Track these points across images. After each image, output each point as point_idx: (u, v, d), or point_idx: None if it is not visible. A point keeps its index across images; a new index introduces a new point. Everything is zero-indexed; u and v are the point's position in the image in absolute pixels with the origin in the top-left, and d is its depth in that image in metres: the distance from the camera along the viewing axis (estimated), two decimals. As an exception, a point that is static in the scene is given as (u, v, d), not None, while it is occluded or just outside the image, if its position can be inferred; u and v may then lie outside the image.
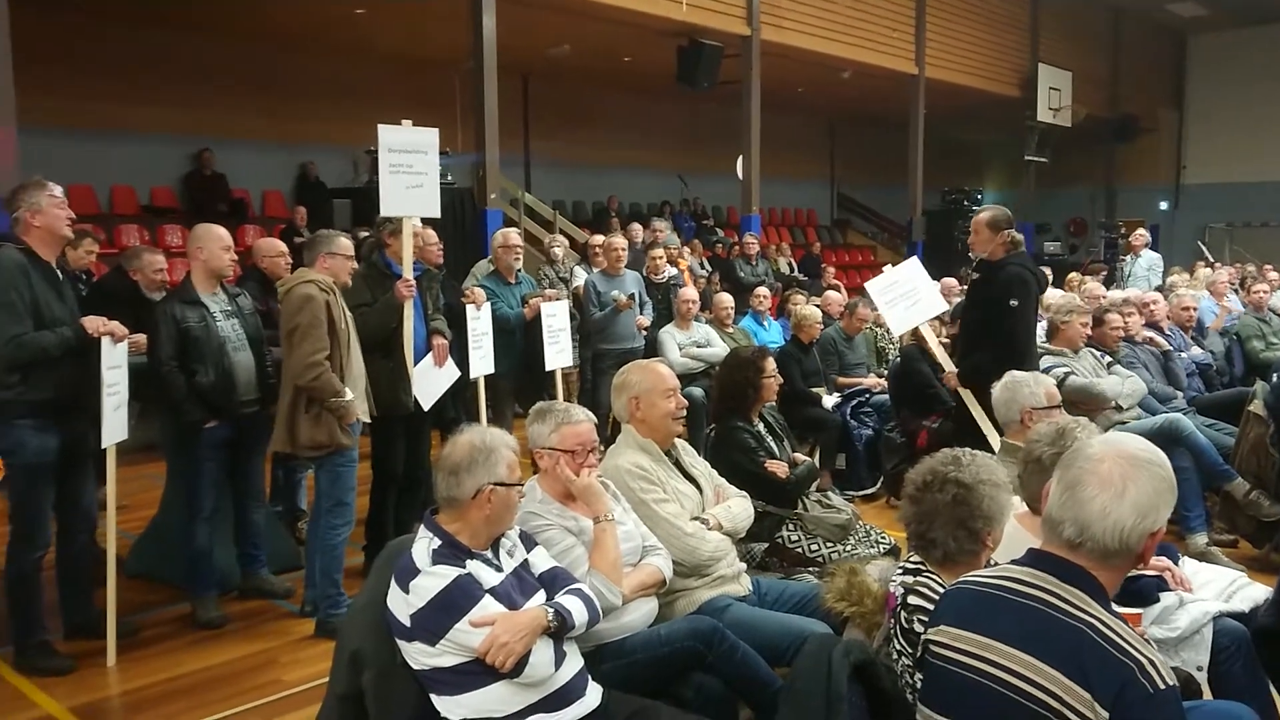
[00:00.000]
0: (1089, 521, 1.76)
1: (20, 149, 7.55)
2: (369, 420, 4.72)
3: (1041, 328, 7.08)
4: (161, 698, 3.88)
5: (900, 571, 2.28)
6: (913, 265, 5.73)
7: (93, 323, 4.01)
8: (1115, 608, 1.81)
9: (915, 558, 2.28)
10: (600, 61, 14.33)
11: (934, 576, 2.20)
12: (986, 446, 3.98)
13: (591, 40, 12.94)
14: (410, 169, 5.01)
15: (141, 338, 4.63)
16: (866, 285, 5.91)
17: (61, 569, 4.37)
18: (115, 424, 4.12)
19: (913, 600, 2.16)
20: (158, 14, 11.17)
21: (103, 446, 4.10)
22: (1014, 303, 4.99)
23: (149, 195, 12.29)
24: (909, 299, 5.56)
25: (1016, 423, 3.56)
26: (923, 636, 1.94)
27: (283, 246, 5.78)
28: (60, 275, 4.12)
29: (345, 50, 13.06)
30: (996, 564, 2.14)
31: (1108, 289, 9.38)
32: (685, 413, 3.40)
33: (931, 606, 2.10)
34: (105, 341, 4.02)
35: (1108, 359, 5.95)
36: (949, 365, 5.37)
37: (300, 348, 4.29)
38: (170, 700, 3.86)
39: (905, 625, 2.14)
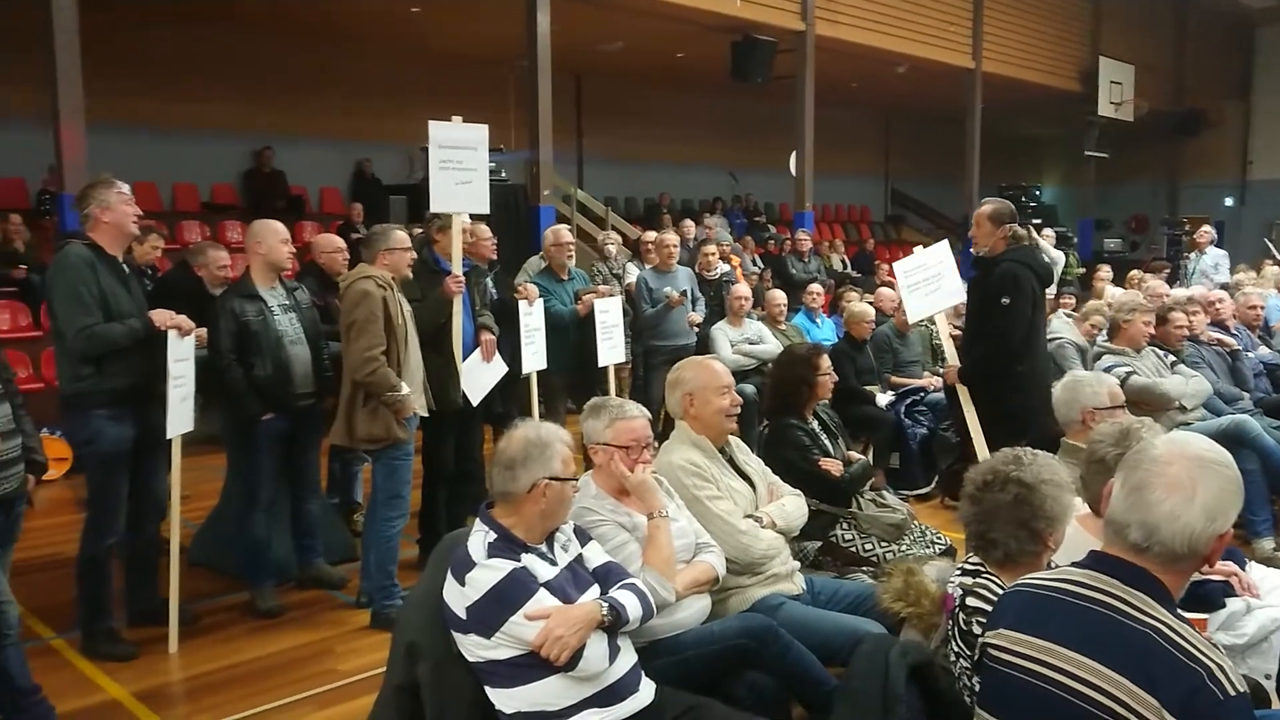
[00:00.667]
0: (1157, 525, 1.72)
1: (87, 148, 7.76)
2: (426, 415, 4.77)
3: (1075, 326, 6.95)
4: (221, 684, 3.96)
5: (958, 572, 2.25)
6: (942, 249, 5.45)
7: (160, 316, 4.11)
8: (1180, 613, 1.77)
9: (974, 558, 2.25)
10: (653, 58, 14.32)
11: (993, 578, 2.17)
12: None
13: (645, 37, 12.95)
14: (460, 165, 5.05)
15: (204, 331, 4.73)
16: (894, 265, 5.67)
17: (130, 556, 4.49)
18: (181, 415, 4.21)
19: (971, 602, 2.13)
20: (219, 13, 11.38)
21: (168, 437, 4.18)
22: (1005, 300, 4.83)
23: (210, 192, 12.55)
24: (931, 284, 5.32)
25: (1077, 423, 3.49)
26: (980, 639, 1.91)
27: (340, 242, 5.86)
28: (127, 270, 4.23)
29: (401, 48, 13.21)
30: (1056, 566, 2.11)
31: (1171, 287, 9.16)
32: (739, 410, 3.39)
33: (990, 608, 2.07)
34: (171, 334, 4.11)
35: (1171, 358, 5.82)
36: (953, 358, 5.22)
37: (356, 343, 4.36)
38: (229, 687, 3.93)
39: (964, 627, 2.11)
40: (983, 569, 2.20)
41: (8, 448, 3.33)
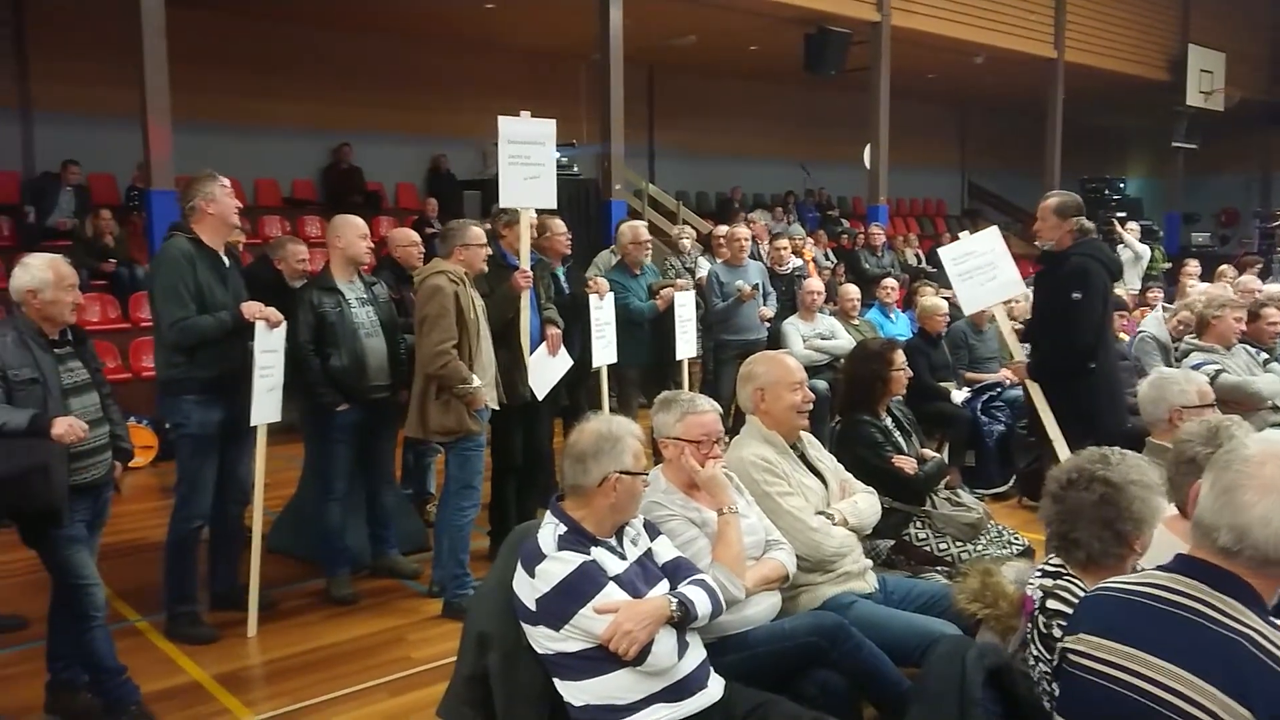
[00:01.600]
0: (1248, 528, 1.65)
1: (173, 144, 7.98)
2: (497, 408, 4.81)
3: (1163, 323, 6.70)
4: (297, 669, 4.05)
5: (1038, 574, 2.18)
6: (992, 235, 5.22)
7: (250, 308, 4.23)
8: (1274, 620, 1.69)
9: (1055, 560, 2.18)
10: (726, 51, 14.24)
11: (1075, 580, 2.10)
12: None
13: (718, 30, 12.88)
14: (528, 160, 5.09)
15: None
16: (939, 251, 5.42)
17: (213, 540, 4.62)
18: (267, 405, 4.31)
19: (1052, 605, 2.07)
20: (297, 11, 11.61)
21: (252, 424, 4.28)
22: (1076, 295, 4.64)
23: (290, 188, 12.82)
24: (985, 274, 5.09)
25: (1164, 422, 3.37)
26: (1060, 644, 1.85)
27: (415, 236, 5.94)
28: (227, 263, 4.35)
29: (476, 44, 13.33)
30: (1142, 569, 2.04)
31: (1264, 282, 8.82)
32: (811, 406, 3.34)
33: (1070, 610, 2.01)
34: (260, 325, 4.22)
35: (1264, 356, 5.60)
36: (1018, 353, 5.04)
37: (428, 337, 4.44)
38: (305, 672, 4.01)
39: (1043, 630, 2.05)
40: (1064, 571, 2.14)
41: (95, 435, 3.43)
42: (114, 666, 3.49)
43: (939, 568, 3.69)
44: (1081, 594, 2.04)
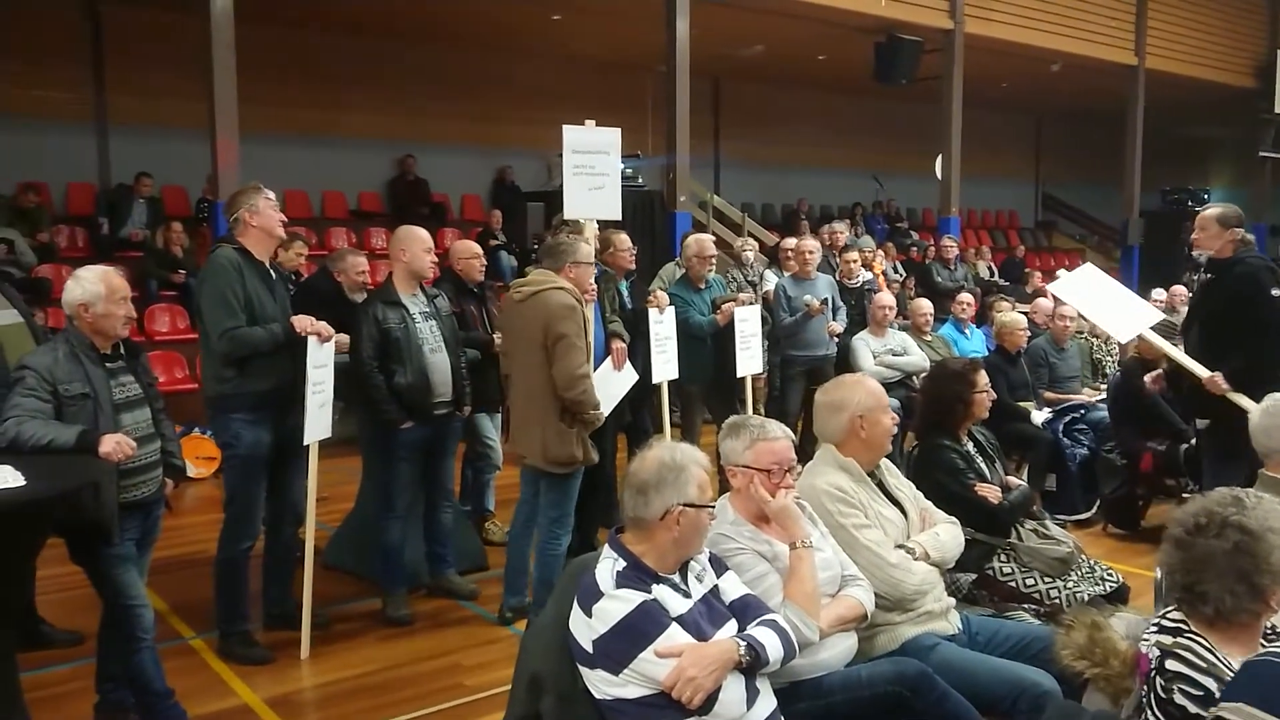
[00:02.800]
0: None
1: (241, 157, 8.03)
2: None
3: None
4: (348, 694, 3.94)
5: (1154, 628, 1.94)
6: (1088, 270, 5.19)
7: (301, 322, 4.12)
8: None
9: (1174, 613, 1.94)
10: (794, 60, 14.02)
11: (1198, 638, 1.86)
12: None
13: (786, 39, 12.67)
14: (593, 170, 4.97)
15: (345, 338, 4.73)
16: (1052, 290, 5.35)
17: (267, 559, 4.55)
18: (318, 422, 4.21)
19: (1172, 666, 1.83)
20: (363, 24, 11.68)
21: (305, 443, 4.18)
22: (1276, 292, 4.46)
23: (357, 199, 12.89)
24: (1113, 301, 5.05)
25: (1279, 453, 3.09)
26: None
27: (478, 249, 5.83)
28: (274, 275, 4.27)
29: (541, 55, 13.30)
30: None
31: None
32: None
33: (1194, 674, 1.78)
34: (311, 340, 4.11)
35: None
36: (1203, 370, 4.70)
37: (567, 359, 4.21)
38: (356, 697, 3.90)
39: (1162, 695, 1.81)
40: (1185, 627, 1.90)
41: (146, 452, 3.36)
42: (161, 690, 3.41)
43: (1025, 605, 3.44)
44: (1209, 654, 1.81)
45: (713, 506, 2.36)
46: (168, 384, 8.82)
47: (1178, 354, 4.98)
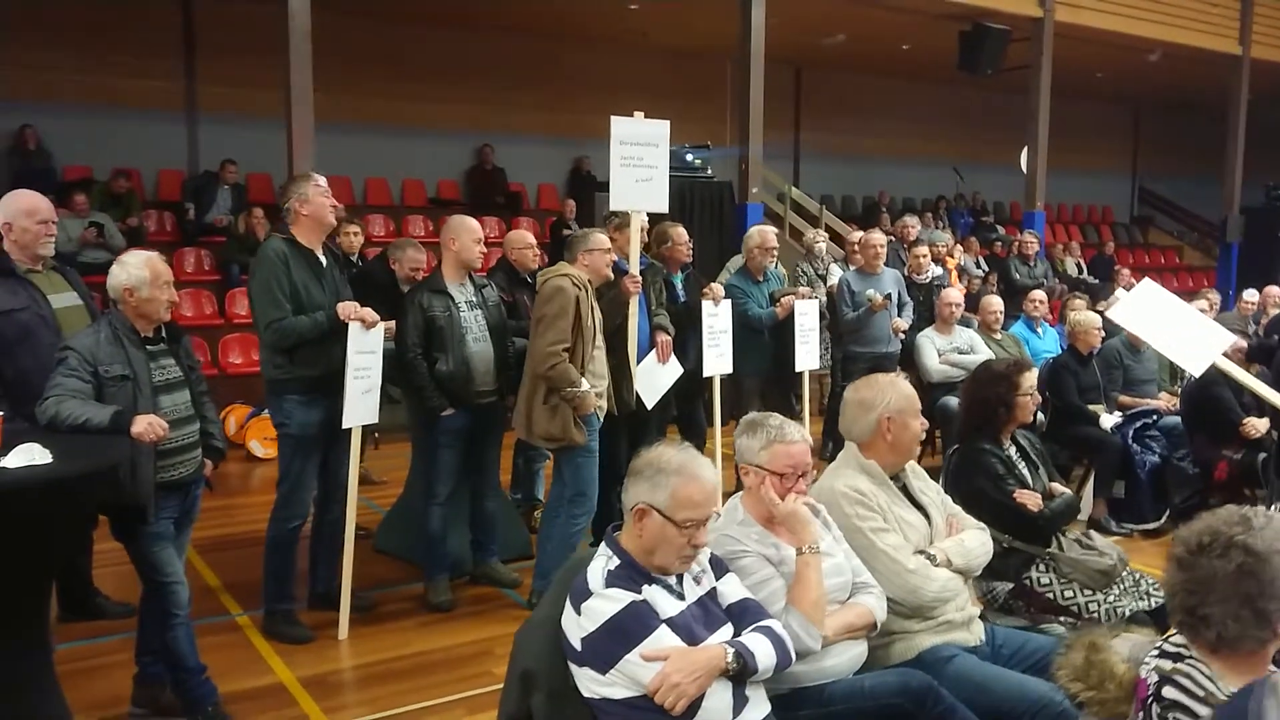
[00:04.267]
0: None
1: (319, 145, 8.19)
2: (600, 419, 4.65)
3: None
4: (382, 677, 3.99)
5: (1155, 653, 1.83)
6: (1146, 287, 4.86)
7: (345, 308, 4.18)
8: None
9: (1177, 638, 1.82)
10: (876, 50, 13.72)
11: (1199, 664, 1.74)
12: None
13: (868, 28, 12.42)
14: (640, 162, 4.94)
15: (394, 324, 4.79)
16: (1110, 315, 5.08)
17: (314, 538, 4.64)
18: (361, 407, 4.26)
19: (1169, 693, 1.72)
20: (440, 13, 11.79)
21: (344, 427, 4.25)
22: None
23: (436, 188, 13.07)
24: (1177, 323, 4.67)
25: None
26: None
27: (531, 239, 5.86)
28: (324, 262, 4.34)
29: (619, 44, 13.27)
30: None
31: None
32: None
33: (1191, 703, 1.67)
34: (354, 326, 4.17)
35: None
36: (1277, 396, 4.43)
37: (542, 337, 4.38)
38: (389, 680, 3.95)
39: (1157, 723, 1.71)
40: (1186, 653, 1.78)
41: (184, 434, 3.43)
42: (194, 665, 3.49)
43: (1062, 618, 3.31)
44: (1208, 682, 1.70)
45: (681, 526, 2.21)
46: (245, 366, 9.09)
47: (1255, 383, 4.74)
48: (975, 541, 2.95)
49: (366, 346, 4.26)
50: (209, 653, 3.72)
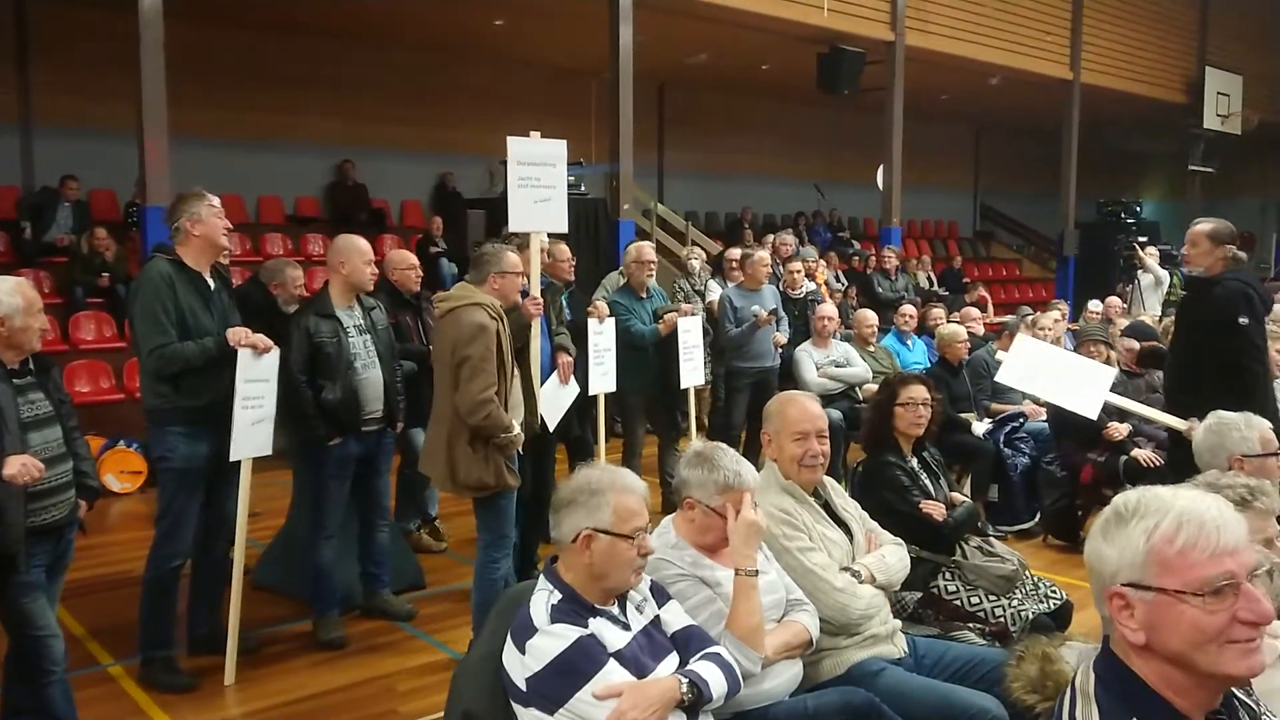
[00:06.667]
0: None
1: (172, 160, 7.77)
2: (520, 453, 4.42)
3: None
4: (277, 724, 3.77)
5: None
6: (1025, 345, 5.32)
7: (235, 334, 3.96)
8: None
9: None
10: (738, 69, 14.05)
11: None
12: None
13: (730, 48, 12.69)
14: (538, 182, 4.83)
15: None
16: (999, 378, 5.52)
17: (195, 578, 4.36)
18: (251, 438, 4.02)
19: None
20: (301, 25, 11.44)
21: (232, 459, 4.01)
22: (1243, 320, 4.33)
23: (294, 205, 12.61)
24: (1061, 373, 5.04)
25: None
26: None
27: (414, 260, 5.70)
28: (211, 285, 4.09)
29: (484, 60, 13.14)
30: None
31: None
32: (824, 460, 3.00)
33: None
34: (244, 354, 3.94)
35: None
36: (1179, 421, 4.56)
37: (471, 383, 3.94)
38: (285, 727, 3.74)
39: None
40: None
41: (57, 473, 3.18)
42: (73, 725, 3.22)
43: (971, 624, 3.40)
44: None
45: (630, 538, 2.21)
46: (94, 394, 8.53)
47: (1148, 411, 4.99)
48: (895, 557, 3.01)
49: (258, 374, 4.03)
50: (84, 707, 3.47)
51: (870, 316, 7.45)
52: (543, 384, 4.94)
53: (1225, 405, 4.25)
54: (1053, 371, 4.98)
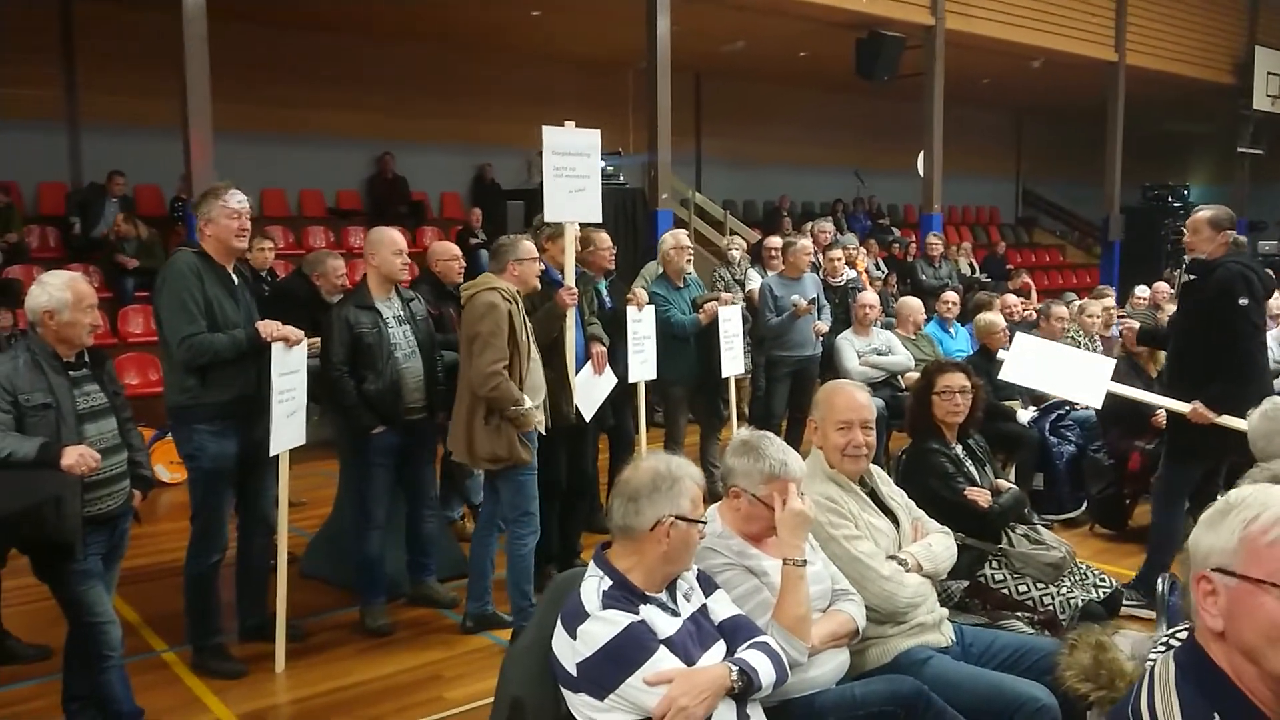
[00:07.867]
0: None
1: (216, 155, 7.87)
2: (544, 433, 4.55)
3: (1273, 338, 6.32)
4: (325, 709, 3.82)
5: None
6: (1022, 341, 5.32)
7: (266, 327, 3.97)
8: None
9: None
10: (775, 57, 13.94)
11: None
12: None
13: (767, 36, 12.60)
14: (573, 172, 4.86)
15: (317, 341, 4.61)
16: (1002, 376, 5.43)
17: (239, 571, 4.42)
18: (287, 431, 4.07)
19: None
20: (343, 21, 11.52)
21: (272, 454, 4.05)
22: (1243, 301, 4.29)
23: (335, 198, 12.72)
24: (1063, 367, 5.02)
25: None
26: None
27: (456, 250, 5.72)
28: (236, 280, 4.12)
29: (521, 52, 13.16)
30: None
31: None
32: (865, 452, 2.95)
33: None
34: (277, 347, 3.96)
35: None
36: (1181, 404, 4.50)
37: (480, 357, 4.17)
38: (334, 713, 3.79)
39: (1171, 719, 1.74)
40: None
41: (112, 464, 3.24)
42: (130, 710, 3.30)
43: (1019, 613, 3.37)
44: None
45: (704, 522, 2.27)
46: (142, 387, 8.67)
47: (1150, 397, 4.97)
48: (941, 545, 2.99)
49: (289, 367, 4.06)
50: (139, 694, 3.53)
51: (917, 304, 7.40)
52: (577, 374, 4.96)
53: (1225, 388, 4.26)
54: (1053, 366, 5.00)
